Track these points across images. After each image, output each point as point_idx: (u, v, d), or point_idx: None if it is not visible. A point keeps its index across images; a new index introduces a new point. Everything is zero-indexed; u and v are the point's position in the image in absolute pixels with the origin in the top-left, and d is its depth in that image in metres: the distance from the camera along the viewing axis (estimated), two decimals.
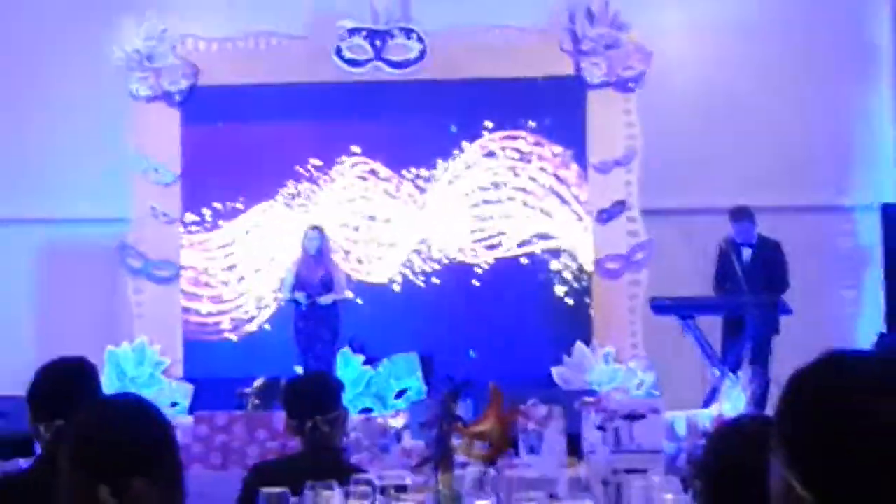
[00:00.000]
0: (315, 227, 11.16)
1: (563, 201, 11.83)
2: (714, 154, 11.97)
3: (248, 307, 11.83)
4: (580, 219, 11.81)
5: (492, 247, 11.87)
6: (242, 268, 11.94)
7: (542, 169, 11.82)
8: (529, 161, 11.84)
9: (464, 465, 4.27)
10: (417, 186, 11.94)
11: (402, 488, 3.82)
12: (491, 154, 11.88)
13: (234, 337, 11.75)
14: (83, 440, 2.58)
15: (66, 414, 3.53)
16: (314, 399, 4.76)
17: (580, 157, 11.79)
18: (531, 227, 11.85)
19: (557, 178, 11.84)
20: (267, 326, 11.76)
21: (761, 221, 10.76)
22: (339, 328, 10.87)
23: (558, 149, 11.79)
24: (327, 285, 10.84)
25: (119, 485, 2.48)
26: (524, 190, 11.87)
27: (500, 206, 11.90)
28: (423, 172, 11.92)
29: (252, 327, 11.75)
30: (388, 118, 11.89)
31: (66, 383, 4.10)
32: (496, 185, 11.88)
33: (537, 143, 11.82)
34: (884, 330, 11.26)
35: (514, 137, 11.86)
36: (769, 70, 12.05)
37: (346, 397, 9.66)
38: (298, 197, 11.94)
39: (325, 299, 10.75)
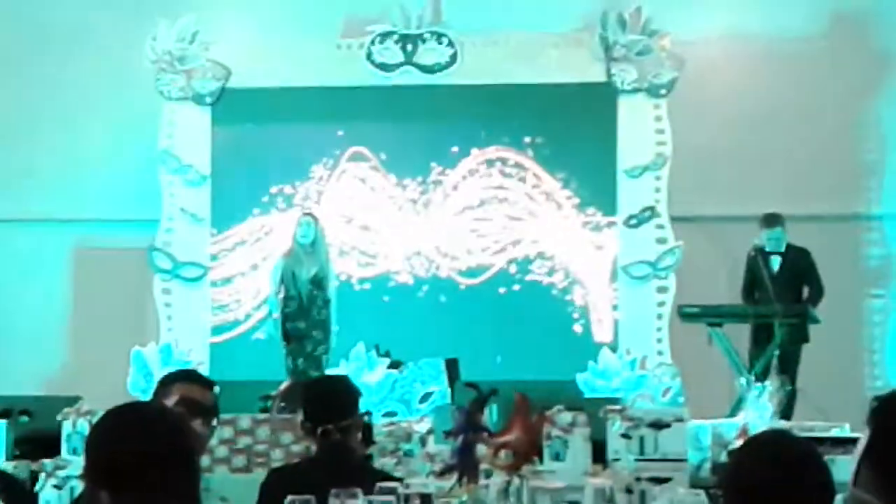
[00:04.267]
0: (308, 214, 10.76)
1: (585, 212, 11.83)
2: (744, 162, 11.92)
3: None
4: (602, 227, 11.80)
5: (517, 255, 11.86)
6: (264, 269, 11.95)
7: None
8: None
9: (488, 475, 4.27)
10: (443, 191, 11.94)
11: (426, 497, 3.81)
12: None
13: (260, 336, 11.73)
14: (88, 447, 2.63)
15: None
16: (328, 404, 4.75)
17: (610, 163, 11.77)
18: (555, 234, 11.85)
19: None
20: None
21: (791, 230, 10.71)
22: (330, 327, 10.52)
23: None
24: (318, 283, 10.48)
25: (119, 493, 2.49)
26: (547, 196, 11.88)
27: (527, 210, 11.90)
28: (448, 177, 11.92)
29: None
30: (418, 122, 11.90)
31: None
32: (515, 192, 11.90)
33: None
34: None
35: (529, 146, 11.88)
36: (800, 78, 12.00)
37: (371, 401, 9.67)
38: (321, 197, 11.94)
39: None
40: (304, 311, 10.53)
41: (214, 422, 4.18)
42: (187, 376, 4.37)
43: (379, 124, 11.99)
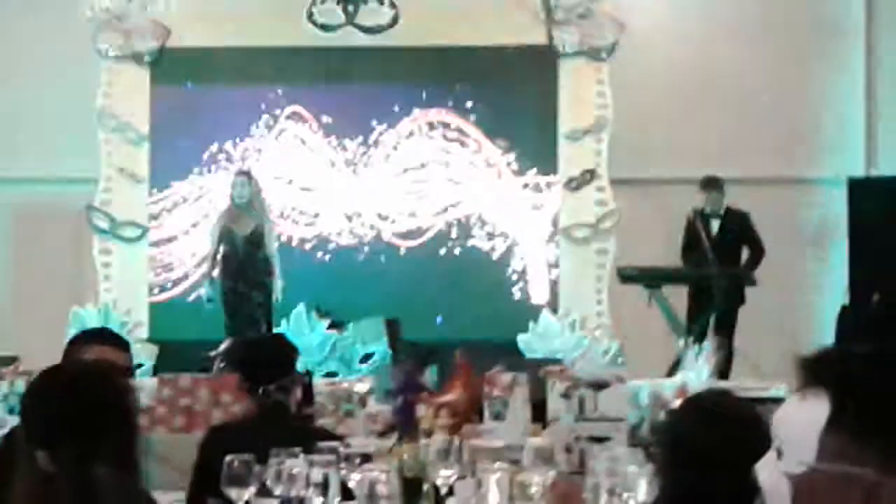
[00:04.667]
0: (243, 173, 10.73)
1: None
2: (684, 125, 11.99)
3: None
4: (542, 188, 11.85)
5: (458, 217, 11.89)
6: (205, 228, 11.90)
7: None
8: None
9: (429, 434, 4.29)
10: (383, 152, 11.92)
11: (366, 457, 3.83)
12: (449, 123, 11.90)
13: (200, 295, 11.67)
14: (24, 408, 2.66)
15: None
16: (265, 363, 4.75)
17: (551, 126, 11.80)
18: (495, 197, 11.89)
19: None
20: None
21: (729, 193, 10.81)
22: (270, 286, 10.50)
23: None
24: (256, 242, 10.43)
25: (56, 451, 2.49)
26: (487, 158, 11.90)
27: (467, 173, 11.92)
28: (388, 138, 11.91)
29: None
30: (358, 84, 11.86)
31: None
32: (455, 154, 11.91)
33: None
34: (846, 303, 11.33)
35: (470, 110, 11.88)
36: (740, 43, 12.06)
37: (312, 361, 9.68)
38: (260, 157, 11.90)
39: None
40: (242, 270, 10.52)
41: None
42: (101, 337, 4.25)
43: (319, 85, 11.96)
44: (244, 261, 10.50)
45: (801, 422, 1.55)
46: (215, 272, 10.64)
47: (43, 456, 2.49)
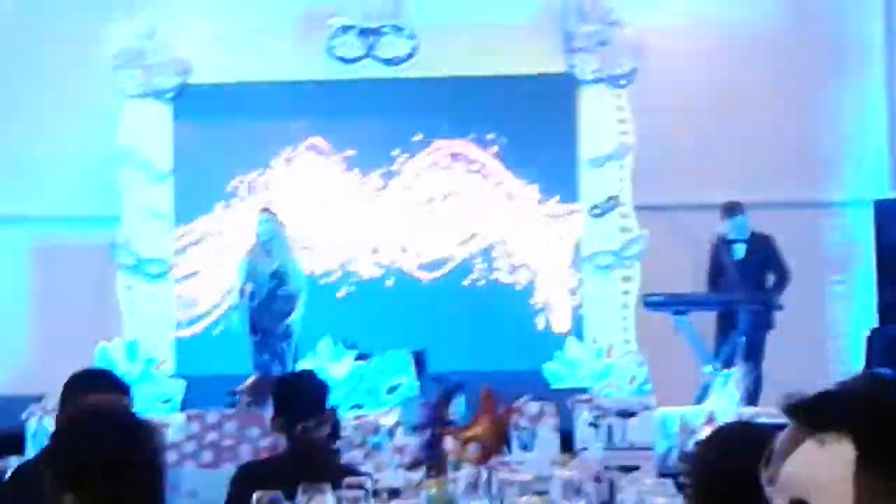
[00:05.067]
0: (265, 210, 10.86)
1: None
2: (707, 150, 11.97)
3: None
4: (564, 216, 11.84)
5: (480, 247, 11.89)
6: (228, 262, 11.92)
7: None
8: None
9: (456, 467, 4.27)
10: (404, 183, 11.94)
11: (395, 492, 3.82)
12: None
13: (224, 330, 11.69)
14: (52, 452, 2.67)
15: None
16: (301, 400, 4.77)
17: (572, 153, 11.79)
18: (518, 225, 11.88)
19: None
20: None
21: (753, 217, 10.78)
22: (291, 324, 10.62)
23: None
24: (280, 278, 10.57)
25: (84, 494, 2.50)
26: (509, 187, 11.91)
27: (489, 202, 11.92)
28: (409, 169, 11.92)
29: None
30: (378, 115, 11.88)
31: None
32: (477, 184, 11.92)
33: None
34: (876, 325, 11.27)
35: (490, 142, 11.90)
36: (761, 67, 12.04)
37: (338, 394, 9.65)
38: (282, 191, 11.93)
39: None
40: (266, 306, 10.60)
41: None
42: (97, 383, 4.20)
43: (340, 118, 11.97)
44: (268, 296, 10.57)
45: (827, 468, 1.50)
46: (241, 305, 10.69)
47: (71, 499, 2.49)
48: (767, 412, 8.10)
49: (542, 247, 11.88)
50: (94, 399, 3.93)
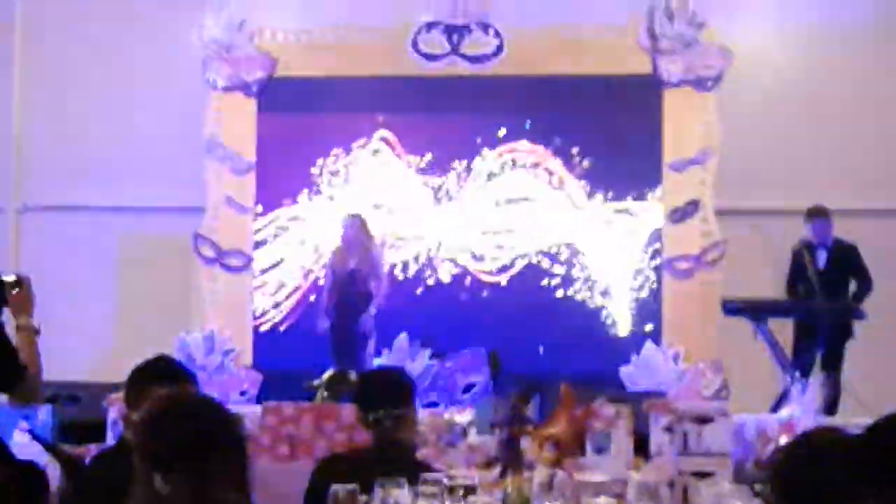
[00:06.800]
0: (350, 215, 11.08)
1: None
2: (792, 155, 11.85)
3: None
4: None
5: (559, 247, 11.86)
6: (312, 258, 12.00)
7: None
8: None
9: (530, 467, 4.26)
10: (486, 182, 11.94)
11: (471, 489, 3.82)
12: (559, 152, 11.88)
13: (305, 325, 11.76)
14: (143, 432, 2.77)
15: None
16: (384, 393, 4.80)
17: (655, 156, 11.72)
18: (598, 227, 11.84)
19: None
20: None
21: (837, 224, 10.64)
22: (370, 321, 10.81)
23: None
24: (362, 277, 10.75)
25: (173, 475, 2.59)
26: (591, 188, 11.86)
27: (570, 203, 11.89)
28: (490, 167, 11.92)
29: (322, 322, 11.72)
30: (460, 113, 11.89)
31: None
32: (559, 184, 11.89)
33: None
34: None
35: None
36: (851, 69, 11.90)
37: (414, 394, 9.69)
38: (363, 187, 11.99)
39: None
40: (347, 303, 10.72)
41: None
42: (163, 373, 4.30)
43: (422, 114, 12.00)
44: (349, 294, 10.77)
45: None
46: (325, 304, 10.93)
47: (160, 478, 2.56)
48: (846, 423, 8.01)
49: (621, 250, 11.82)
50: (163, 390, 4.00)
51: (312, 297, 11.79)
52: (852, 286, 10.61)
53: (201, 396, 2.87)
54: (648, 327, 11.68)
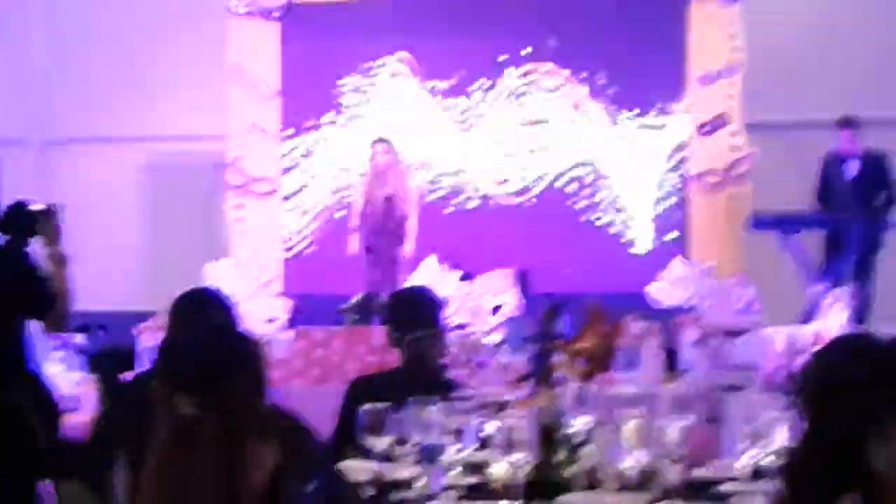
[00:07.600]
0: (380, 140, 11.00)
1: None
2: (821, 66, 11.75)
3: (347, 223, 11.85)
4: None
5: (586, 166, 11.81)
6: (339, 182, 11.99)
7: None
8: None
9: (562, 382, 4.26)
10: (509, 101, 11.88)
11: (503, 404, 3.83)
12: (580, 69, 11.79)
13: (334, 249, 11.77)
14: (166, 355, 2.91)
15: None
16: (413, 313, 4.84)
17: (682, 70, 11.62)
18: (625, 144, 11.78)
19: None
20: None
21: (868, 134, 10.55)
22: (403, 245, 10.80)
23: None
24: (394, 202, 10.73)
25: (199, 395, 2.66)
26: (617, 104, 11.78)
27: (596, 120, 11.82)
28: (513, 85, 11.85)
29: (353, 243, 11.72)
30: (482, 32, 11.79)
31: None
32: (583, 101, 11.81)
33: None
34: None
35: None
36: None
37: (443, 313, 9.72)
38: (388, 111, 11.95)
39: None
40: (379, 229, 10.72)
41: None
42: (203, 303, 4.38)
43: (444, 35, 11.90)
44: (382, 218, 10.75)
45: None
46: (357, 227, 10.90)
47: (186, 401, 2.58)
48: (877, 333, 7.98)
49: (648, 167, 11.76)
50: (201, 318, 4.10)
51: (338, 215, 11.77)
52: (881, 197, 10.55)
53: (214, 325, 2.96)
54: (672, 235, 11.62)
